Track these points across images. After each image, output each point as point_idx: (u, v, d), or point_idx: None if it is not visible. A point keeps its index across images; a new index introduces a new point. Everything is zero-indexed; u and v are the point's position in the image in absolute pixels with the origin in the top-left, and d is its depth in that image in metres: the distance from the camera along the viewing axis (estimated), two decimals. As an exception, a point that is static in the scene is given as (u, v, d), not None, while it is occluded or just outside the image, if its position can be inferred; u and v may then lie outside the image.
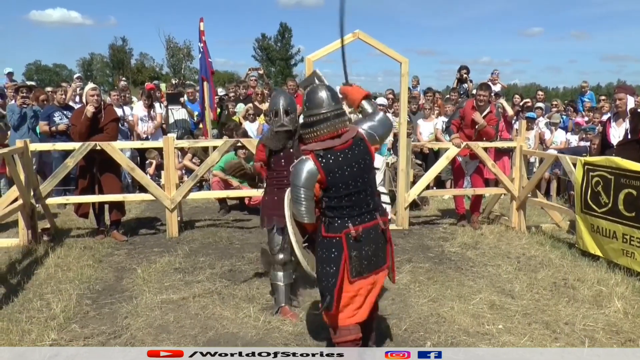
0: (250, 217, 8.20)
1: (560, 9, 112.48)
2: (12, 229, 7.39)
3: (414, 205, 8.28)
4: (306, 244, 3.66)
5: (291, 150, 4.51)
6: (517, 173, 7.72)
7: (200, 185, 9.57)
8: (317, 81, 4.05)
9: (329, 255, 3.44)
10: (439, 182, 9.99)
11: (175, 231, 7.18)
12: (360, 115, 3.91)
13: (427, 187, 8.08)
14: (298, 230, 3.59)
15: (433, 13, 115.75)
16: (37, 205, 6.92)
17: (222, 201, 8.68)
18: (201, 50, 8.25)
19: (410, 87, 12.52)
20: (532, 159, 9.97)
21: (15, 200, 6.63)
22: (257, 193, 7.63)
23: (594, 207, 6.09)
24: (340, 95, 3.74)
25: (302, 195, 3.40)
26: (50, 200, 7.19)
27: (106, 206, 7.24)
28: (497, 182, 8.32)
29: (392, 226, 7.57)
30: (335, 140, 3.43)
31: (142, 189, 7.80)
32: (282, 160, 4.54)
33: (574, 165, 6.45)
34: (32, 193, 6.81)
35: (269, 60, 56.41)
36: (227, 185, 8.48)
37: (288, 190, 3.60)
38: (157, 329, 4.32)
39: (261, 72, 14.36)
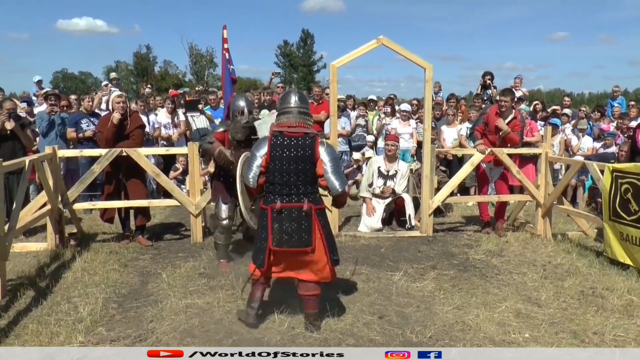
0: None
1: (587, 13, 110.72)
2: (40, 233, 7.52)
3: (438, 212, 8.23)
4: (253, 207, 4.89)
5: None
6: (542, 180, 7.63)
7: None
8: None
9: (261, 222, 4.36)
10: (463, 189, 9.92)
11: (199, 236, 7.23)
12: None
13: (451, 194, 8.02)
14: (247, 196, 4.71)
15: (455, 18, 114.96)
16: (64, 211, 7.03)
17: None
18: (226, 57, 8.30)
19: (433, 93, 12.48)
20: (557, 166, 9.86)
21: (44, 205, 6.75)
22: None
23: (623, 214, 5.98)
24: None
25: (255, 163, 4.33)
26: (77, 206, 7.30)
27: (131, 211, 7.32)
28: (521, 189, 8.23)
29: (416, 233, 7.54)
30: (290, 128, 4.31)
31: (167, 195, 7.89)
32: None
33: (602, 172, 6.35)
34: (59, 198, 6.93)
35: (291, 67, 56.59)
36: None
37: (241, 160, 4.84)
38: (182, 333, 4.35)
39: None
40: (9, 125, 7.38)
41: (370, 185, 8.06)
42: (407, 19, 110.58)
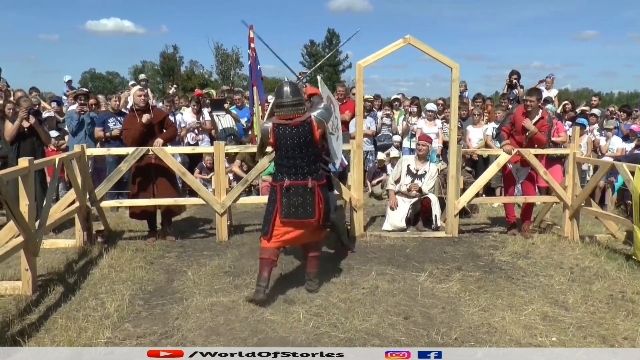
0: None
1: (616, 10, 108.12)
2: (67, 230, 7.66)
3: (463, 213, 8.15)
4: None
5: None
6: (570, 181, 7.51)
7: (249, 190, 9.67)
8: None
9: (271, 197, 5.06)
10: (488, 190, 9.82)
11: (225, 235, 7.28)
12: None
13: (477, 195, 7.94)
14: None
15: (482, 17, 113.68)
16: (92, 208, 7.14)
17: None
18: (250, 56, 8.35)
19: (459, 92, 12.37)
20: (584, 167, 9.69)
21: (72, 203, 6.86)
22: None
23: (653, 217, 5.86)
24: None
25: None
26: (104, 204, 7.41)
27: (158, 210, 7.40)
28: (548, 190, 8.11)
29: (441, 233, 7.49)
30: (288, 121, 4.93)
31: (193, 193, 7.96)
32: None
33: (632, 173, 6.23)
34: (87, 196, 7.04)
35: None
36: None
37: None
38: (207, 331, 4.38)
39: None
40: (27, 123, 7.53)
41: (397, 181, 8.03)
42: (432, 19, 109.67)
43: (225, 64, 53.35)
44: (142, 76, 14.65)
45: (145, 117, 6.95)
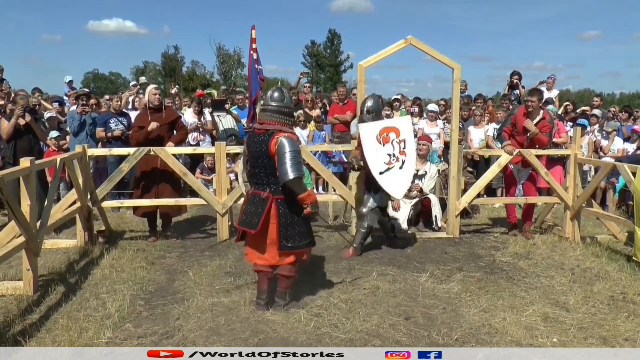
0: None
1: (619, 11, 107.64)
2: (68, 230, 7.67)
3: (464, 213, 8.15)
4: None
5: None
6: (571, 182, 7.50)
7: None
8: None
9: None
10: (489, 190, 9.81)
11: (226, 235, 7.27)
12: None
13: (478, 195, 7.94)
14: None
15: (485, 18, 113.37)
16: (93, 208, 7.15)
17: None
18: (254, 57, 8.34)
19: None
20: (585, 167, 9.69)
21: (74, 203, 6.87)
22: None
23: (655, 218, 5.86)
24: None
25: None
26: (105, 204, 7.41)
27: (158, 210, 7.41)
28: (549, 191, 8.09)
29: (442, 234, 7.49)
30: (259, 125, 4.77)
31: (194, 194, 7.97)
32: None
33: (634, 174, 6.22)
34: (89, 196, 7.05)
35: (318, 67, 56.56)
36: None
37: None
38: (208, 331, 4.38)
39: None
40: (22, 120, 7.56)
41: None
42: (435, 19, 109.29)
43: (226, 64, 53.35)
44: (142, 79, 14.72)
45: (151, 126, 6.98)
